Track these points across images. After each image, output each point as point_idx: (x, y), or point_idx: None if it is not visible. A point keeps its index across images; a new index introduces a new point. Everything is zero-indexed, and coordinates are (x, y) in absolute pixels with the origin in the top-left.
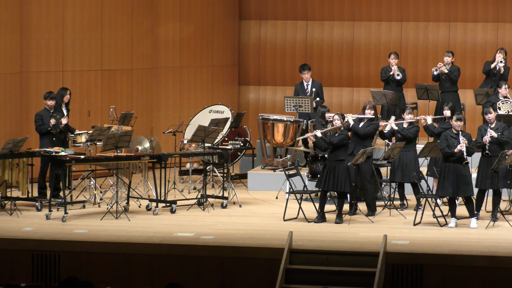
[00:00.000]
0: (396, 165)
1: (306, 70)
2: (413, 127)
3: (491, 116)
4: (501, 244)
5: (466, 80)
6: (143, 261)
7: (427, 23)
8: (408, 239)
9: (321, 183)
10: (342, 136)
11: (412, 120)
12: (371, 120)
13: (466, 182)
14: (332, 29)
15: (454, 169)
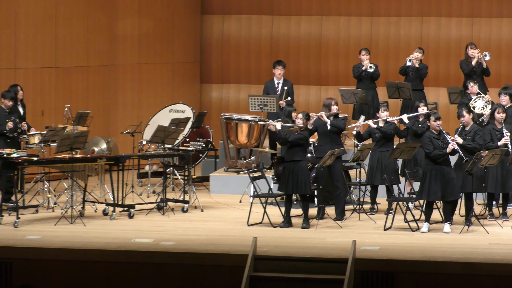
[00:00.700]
0: (375, 167)
1: (281, 66)
2: (391, 125)
3: (465, 119)
4: (476, 250)
5: (439, 78)
6: (100, 269)
7: (399, 18)
8: (379, 245)
9: (282, 186)
10: (300, 135)
11: (389, 118)
12: (336, 116)
13: (453, 184)
14: (299, 24)
15: (441, 172)
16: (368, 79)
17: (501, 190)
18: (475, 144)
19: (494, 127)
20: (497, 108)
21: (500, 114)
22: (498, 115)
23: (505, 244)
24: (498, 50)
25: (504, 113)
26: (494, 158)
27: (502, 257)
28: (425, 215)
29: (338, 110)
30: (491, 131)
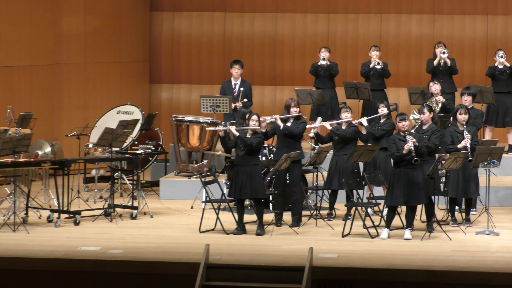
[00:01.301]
0: (333, 171)
1: (238, 65)
2: (351, 127)
3: (424, 117)
4: (438, 257)
5: (399, 77)
6: (44, 278)
7: (357, 15)
8: (336, 252)
9: (235, 191)
10: (260, 139)
11: (350, 119)
12: (298, 118)
13: (418, 189)
14: (253, 22)
15: (405, 176)
16: (326, 77)
17: (464, 195)
18: (431, 143)
19: (455, 129)
20: (459, 109)
21: (462, 115)
22: (460, 116)
23: (468, 251)
24: (460, 49)
25: (466, 114)
26: (456, 162)
27: (465, 264)
28: (386, 220)
29: (299, 112)
30: (452, 133)
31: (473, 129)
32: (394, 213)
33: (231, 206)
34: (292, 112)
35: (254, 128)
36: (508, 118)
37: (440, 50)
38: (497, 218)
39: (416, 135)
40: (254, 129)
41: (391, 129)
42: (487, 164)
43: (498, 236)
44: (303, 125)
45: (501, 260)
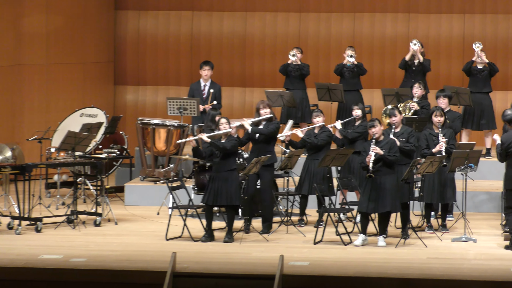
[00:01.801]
0: (304, 176)
1: (208, 66)
2: (323, 132)
3: (396, 120)
4: (413, 264)
5: (373, 79)
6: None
7: (330, 14)
8: (308, 260)
9: (209, 197)
10: (234, 142)
11: (322, 124)
12: (270, 120)
13: (388, 195)
14: (221, 21)
15: (374, 182)
16: (297, 78)
17: (440, 201)
18: (410, 146)
19: (431, 132)
20: (435, 111)
21: (438, 117)
22: (435, 118)
23: (444, 258)
24: (436, 48)
25: (442, 116)
26: (432, 166)
27: (441, 272)
28: (360, 226)
29: (270, 113)
30: (427, 136)
31: (449, 132)
32: (367, 219)
33: (199, 212)
34: (262, 115)
35: (226, 132)
36: (483, 121)
37: (413, 43)
38: (474, 224)
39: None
40: (226, 132)
41: (366, 131)
42: (463, 168)
43: (475, 243)
44: (275, 126)
45: (479, 268)
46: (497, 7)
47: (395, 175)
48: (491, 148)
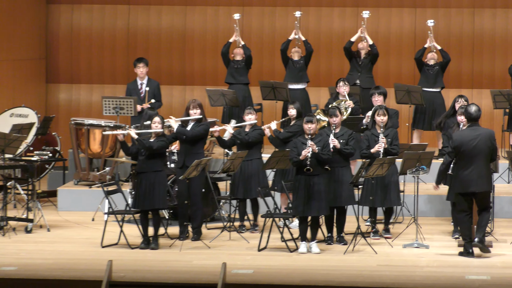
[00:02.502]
0: (238, 178)
1: (142, 64)
2: (255, 130)
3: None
4: (362, 272)
5: (320, 76)
6: None
7: (274, 8)
8: (252, 268)
9: (137, 202)
10: (162, 142)
11: (254, 122)
12: (199, 121)
13: (319, 198)
14: (159, 15)
15: (306, 183)
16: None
17: (383, 204)
18: (350, 148)
19: (373, 132)
20: (377, 110)
21: (381, 117)
22: (378, 118)
23: (395, 265)
24: (386, 45)
25: (385, 115)
26: (382, 168)
27: (392, 280)
28: (299, 232)
29: (200, 114)
30: (369, 136)
31: (393, 132)
32: (305, 224)
33: (136, 218)
34: (191, 115)
35: (157, 131)
36: (435, 121)
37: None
38: (426, 229)
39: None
40: (157, 132)
41: (298, 131)
42: (415, 170)
43: (427, 249)
44: (203, 128)
45: (431, 275)
46: (450, 1)
47: (329, 175)
48: None
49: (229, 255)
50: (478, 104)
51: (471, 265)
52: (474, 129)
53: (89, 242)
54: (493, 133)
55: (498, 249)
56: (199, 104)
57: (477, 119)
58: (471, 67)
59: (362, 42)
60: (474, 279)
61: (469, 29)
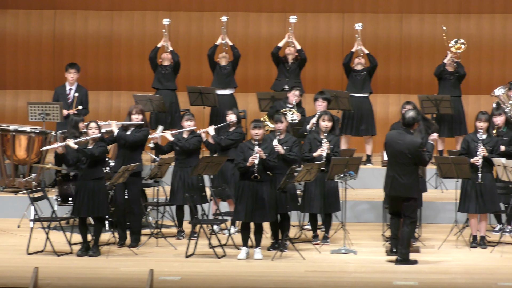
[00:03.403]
0: (176, 185)
1: (74, 69)
2: (194, 137)
3: (282, 126)
4: (290, 278)
5: (248, 81)
6: None
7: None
8: (179, 274)
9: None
10: (103, 148)
11: (193, 128)
12: (140, 126)
13: (263, 205)
14: (86, 20)
15: (250, 190)
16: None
17: (323, 210)
18: (294, 155)
19: (316, 137)
20: (322, 115)
21: (325, 122)
22: (323, 123)
23: (323, 271)
24: (314, 50)
25: (330, 121)
26: (310, 173)
27: (319, 286)
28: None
29: (142, 120)
30: (311, 140)
31: (335, 139)
32: (247, 230)
33: (63, 225)
34: (133, 120)
35: (94, 137)
36: (363, 126)
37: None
38: (354, 235)
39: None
40: (94, 137)
41: (240, 138)
42: (343, 176)
43: (355, 255)
44: (142, 134)
45: (359, 281)
46: (377, 6)
47: (273, 183)
48: (371, 154)
49: (156, 261)
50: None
51: (398, 271)
52: (401, 133)
53: (14, 249)
54: (416, 144)
55: (426, 254)
56: (141, 110)
57: (409, 125)
58: (399, 72)
59: (290, 47)
60: (402, 285)
61: (397, 34)
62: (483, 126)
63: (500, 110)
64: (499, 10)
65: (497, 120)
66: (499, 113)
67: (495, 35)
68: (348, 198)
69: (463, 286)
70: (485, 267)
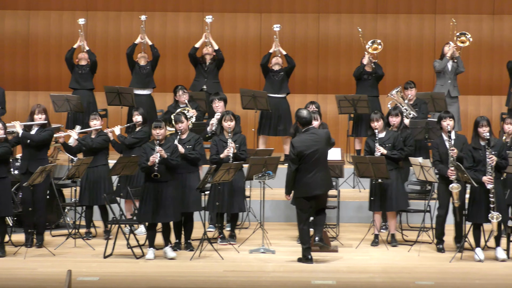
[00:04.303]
0: (84, 185)
1: None
2: (100, 136)
3: (183, 126)
4: (209, 278)
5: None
6: None
7: (119, 13)
8: (98, 275)
9: None
10: (6, 148)
11: (99, 127)
12: (43, 126)
13: (167, 205)
14: (2, 20)
15: (154, 190)
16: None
17: (229, 210)
18: (196, 153)
19: (221, 138)
20: (224, 115)
21: (228, 122)
22: (225, 123)
23: (242, 271)
24: (232, 50)
25: (232, 121)
26: (229, 173)
27: (238, 285)
28: (148, 239)
29: (45, 119)
30: (217, 142)
31: (241, 138)
32: (153, 231)
33: None
34: (36, 120)
35: None
36: (281, 127)
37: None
38: (273, 234)
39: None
40: None
41: (145, 137)
42: (261, 175)
43: (274, 254)
44: (47, 133)
45: (278, 281)
46: (294, 6)
47: (177, 181)
48: None
49: (75, 262)
50: (323, 109)
51: (317, 270)
52: (312, 132)
53: None
54: (328, 132)
55: (344, 253)
56: (44, 109)
57: (311, 121)
58: (316, 73)
59: (207, 47)
60: (320, 284)
61: (314, 34)
62: (377, 126)
63: (397, 110)
64: (416, 10)
65: (394, 120)
66: (395, 114)
67: (412, 35)
68: (266, 197)
69: (381, 285)
70: (403, 266)
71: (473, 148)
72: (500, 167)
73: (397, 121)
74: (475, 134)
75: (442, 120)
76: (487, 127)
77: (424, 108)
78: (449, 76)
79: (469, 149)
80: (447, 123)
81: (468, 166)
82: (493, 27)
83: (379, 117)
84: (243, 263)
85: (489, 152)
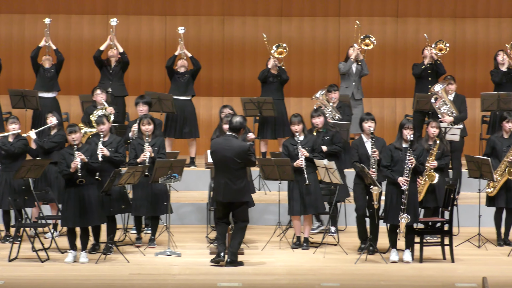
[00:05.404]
0: (2, 189)
1: None
2: (19, 140)
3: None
4: (115, 281)
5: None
6: None
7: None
8: (3, 278)
9: None
10: None
11: (18, 131)
12: None
13: (89, 209)
14: None
15: (76, 194)
16: None
17: (151, 213)
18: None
19: (139, 141)
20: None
21: (145, 126)
22: (143, 127)
23: (148, 274)
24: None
25: (150, 124)
26: (134, 176)
27: None
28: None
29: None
30: (135, 146)
31: (159, 141)
32: (73, 235)
33: None
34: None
35: None
36: (186, 129)
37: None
38: (178, 237)
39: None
40: None
41: (63, 141)
42: (167, 178)
43: (179, 257)
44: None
45: (183, 283)
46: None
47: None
48: (195, 156)
49: None
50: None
51: (222, 272)
52: (228, 139)
53: None
54: (245, 148)
55: (250, 256)
56: None
57: (236, 129)
58: (222, 75)
59: (112, 50)
60: (226, 286)
61: (219, 37)
62: (297, 129)
63: (319, 111)
64: (320, 13)
65: (316, 121)
66: (318, 115)
67: (316, 37)
68: (172, 200)
69: (286, 287)
70: (308, 268)
71: (394, 147)
72: (418, 171)
73: (320, 121)
74: (400, 136)
75: (364, 122)
76: (412, 130)
77: (348, 111)
78: (353, 78)
79: (389, 148)
80: (369, 125)
81: (385, 165)
82: (397, 29)
83: (299, 121)
84: (149, 266)
85: (409, 154)
